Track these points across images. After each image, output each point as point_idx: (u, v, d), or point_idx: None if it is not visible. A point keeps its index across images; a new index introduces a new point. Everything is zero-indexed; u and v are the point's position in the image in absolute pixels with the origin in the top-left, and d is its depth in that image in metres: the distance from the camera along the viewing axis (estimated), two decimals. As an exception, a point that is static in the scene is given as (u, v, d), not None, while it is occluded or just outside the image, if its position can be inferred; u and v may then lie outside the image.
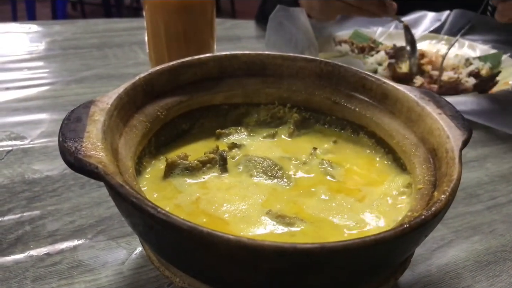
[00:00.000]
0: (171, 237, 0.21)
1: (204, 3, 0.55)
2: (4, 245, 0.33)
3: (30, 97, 0.54)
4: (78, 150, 0.23)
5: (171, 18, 0.54)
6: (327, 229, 0.26)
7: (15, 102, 0.52)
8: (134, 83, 0.30)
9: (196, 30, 0.55)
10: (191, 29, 0.55)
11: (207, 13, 0.55)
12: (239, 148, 0.33)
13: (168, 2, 0.54)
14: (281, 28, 0.58)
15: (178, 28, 0.55)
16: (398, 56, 0.61)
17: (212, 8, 0.56)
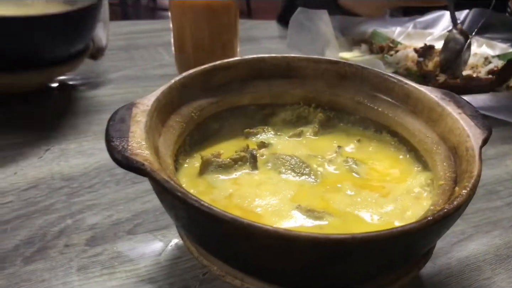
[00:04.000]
0: (213, 228, 0.23)
1: (229, 5, 0.57)
2: (49, 237, 0.35)
3: (63, 98, 0.56)
4: (125, 148, 0.25)
5: (197, 20, 0.56)
6: (354, 223, 0.27)
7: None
8: (170, 86, 0.32)
9: (220, 32, 0.57)
10: (216, 31, 0.57)
11: (232, 14, 0.57)
12: (267, 147, 0.35)
13: (194, 4, 0.56)
14: (302, 29, 0.60)
15: (203, 29, 0.57)
16: (426, 55, 0.62)
17: (236, 10, 0.58)
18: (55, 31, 0.47)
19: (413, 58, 0.65)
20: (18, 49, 0.46)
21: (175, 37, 0.59)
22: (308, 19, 0.60)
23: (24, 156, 0.44)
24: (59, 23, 0.46)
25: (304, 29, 0.60)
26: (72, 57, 0.52)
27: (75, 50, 0.52)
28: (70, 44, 0.50)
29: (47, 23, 0.45)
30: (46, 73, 0.51)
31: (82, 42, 0.52)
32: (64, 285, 0.31)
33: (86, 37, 0.53)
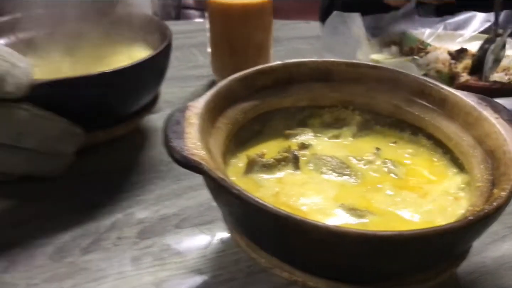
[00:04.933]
0: (267, 223, 0.25)
1: (264, 7, 0.59)
2: (102, 229, 0.37)
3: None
4: (183, 149, 0.27)
5: (233, 21, 0.58)
6: (395, 221, 0.29)
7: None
8: (218, 90, 0.34)
9: (256, 33, 0.59)
10: (251, 32, 0.59)
11: (267, 16, 0.59)
12: (308, 148, 0.36)
13: (231, 6, 0.58)
14: (337, 32, 0.61)
15: (239, 31, 0.59)
16: (458, 58, 0.63)
17: (271, 12, 0.59)
18: (147, 75, 0.45)
19: (443, 60, 0.65)
20: (117, 101, 0.44)
21: (212, 38, 0.61)
22: (342, 22, 0.62)
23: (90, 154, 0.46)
24: (149, 67, 0.45)
25: (337, 32, 0.61)
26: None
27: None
28: (158, 84, 0.49)
29: (144, 67, 0.44)
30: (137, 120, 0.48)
31: (163, 79, 0.50)
32: (119, 274, 0.33)
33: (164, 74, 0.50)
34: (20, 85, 0.34)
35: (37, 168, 0.38)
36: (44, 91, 0.36)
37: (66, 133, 0.38)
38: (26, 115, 0.35)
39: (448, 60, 0.65)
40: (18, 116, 0.35)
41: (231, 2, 0.57)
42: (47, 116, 0.37)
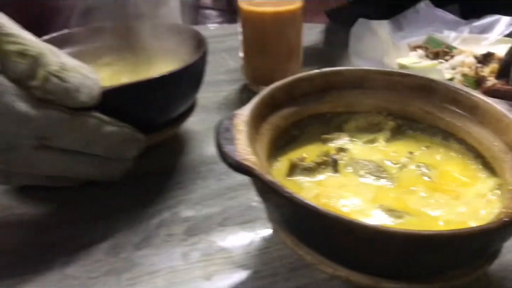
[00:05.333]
0: (316, 223, 0.27)
1: (295, 14, 0.61)
2: (151, 227, 0.40)
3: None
4: (235, 154, 0.30)
5: (265, 27, 0.61)
6: (431, 221, 0.31)
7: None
8: (261, 98, 0.37)
9: (287, 38, 0.62)
10: (283, 37, 0.61)
11: (298, 22, 0.62)
12: (345, 152, 0.39)
13: (263, 13, 0.60)
14: (363, 37, 0.63)
15: (271, 37, 0.61)
16: (484, 61, 0.65)
17: (302, 18, 0.62)
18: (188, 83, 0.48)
19: (469, 64, 0.67)
20: (160, 109, 0.47)
21: (244, 44, 0.64)
22: (368, 29, 0.64)
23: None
24: (190, 73, 0.47)
25: (364, 38, 0.63)
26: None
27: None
28: (197, 90, 0.52)
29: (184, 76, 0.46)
30: (178, 125, 0.51)
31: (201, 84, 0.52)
32: (170, 268, 0.36)
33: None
34: (92, 95, 0.37)
35: (101, 173, 0.41)
36: (108, 98, 0.39)
37: (129, 139, 0.41)
38: (96, 123, 0.38)
39: (474, 64, 0.67)
40: (89, 124, 0.37)
41: (263, 9, 0.60)
42: (114, 123, 0.39)
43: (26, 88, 0.34)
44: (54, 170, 0.39)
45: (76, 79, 0.36)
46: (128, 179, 0.44)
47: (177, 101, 0.48)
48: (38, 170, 0.38)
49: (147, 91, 0.43)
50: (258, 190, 0.31)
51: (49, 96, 0.35)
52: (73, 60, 0.38)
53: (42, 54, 0.35)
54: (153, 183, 0.46)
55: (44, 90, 0.35)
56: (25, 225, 0.41)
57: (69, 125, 0.36)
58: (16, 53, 0.34)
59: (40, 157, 0.37)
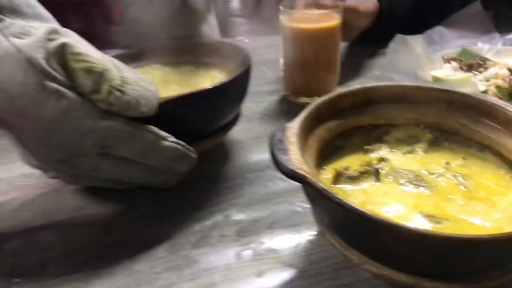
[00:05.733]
0: (363, 226, 0.30)
1: (334, 31, 0.64)
2: (206, 228, 0.44)
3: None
4: (289, 163, 0.34)
5: (305, 43, 0.64)
6: (468, 227, 0.34)
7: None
8: (309, 112, 0.40)
9: (326, 54, 0.65)
10: (322, 53, 0.65)
11: (336, 38, 0.65)
12: (386, 162, 0.42)
13: (303, 31, 0.64)
14: (399, 52, 0.66)
15: (310, 52, 0.65)
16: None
17: (340, 34, 0.65)
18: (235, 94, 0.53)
19: (503, 76, 0.69)
20: (208, 119, 0.51)
21: (285, 58, 0.67)
22: (404, 44, 0.67)
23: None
24: (237, 85, 0.52)
25: (400, 52, 0.66)
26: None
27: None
28: (243, 100, 0.56)
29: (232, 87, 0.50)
30: (224, 134, 0.55)
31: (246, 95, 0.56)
32: (226, 266, 0.40)
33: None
34: (151, 106, 0.41)
35: (154, 182, 0.46)
36: (164, 108, 0.43)
37: (182, 156, 0.45)
38: (153, 137, 0.42)
39: (508, 76, 0.69)
40: (146, 138, 0.42)
41: (304, 26, 0.64)
42: (169, 139, 0.43)
43: (92, 101, 0.39)
44: (113, 175, 0.44)
45: (137, 92, 0.40)
46: (183, 183, 0.49)
47: (225, 111, 0.52)
48: (100, 174, 0.43)
49: (199, 101, 0.47)
50: (309, 196, 0.35)
51: (112, 108, 0.39)
52: (135, 73, 0.43)
53: (106, 70, 0.39)
54: (205, 187, 0.50)
55: (108, 103, 0.39)
56: (94, 225, 0.45)
57: (128, 136, 0.41)
58: (83, 71, 0.38)
59: (102, 163, 0.42)
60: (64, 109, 0.37)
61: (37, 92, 0.36)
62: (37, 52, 0.36)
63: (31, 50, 0.36)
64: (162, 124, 0.44)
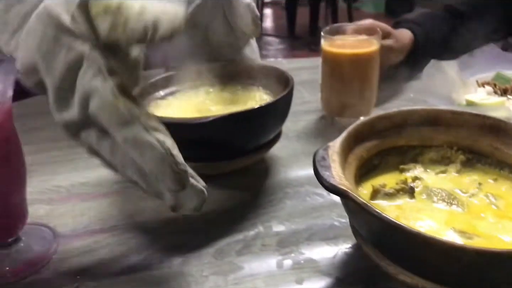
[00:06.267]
0: (399, 238, 0.33)
1: (372, 56, 0.67)
2: (248, 238, 0.48)
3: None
4: (332, 179, 0.37)
5: (344, 67, 0.68)
6: (499, 243, 0.36)
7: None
8: (349, 132, 0.44)
9: (363, 77, 0.68)
10: (359, 76, 0.68)
11: (374, 62, 0.68)
12: (420, 181, 0.44)
13: (342, 55, 0.67)
14: (434, 76, 0.69)
15: (348, 75, 0.68)
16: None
17: (378, 58, 0.68)
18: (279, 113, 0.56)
19: (537, 101, 0.71)
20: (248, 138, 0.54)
21: (323, 79, 0.71)
22: (439, 69, 0.70)
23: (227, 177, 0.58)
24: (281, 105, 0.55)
25: (434, 76, 0.69)
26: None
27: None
28: (283, 120, 0.58)
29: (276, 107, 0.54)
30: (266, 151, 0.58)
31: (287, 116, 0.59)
32: (268, 273, 0.43)
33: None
34: (173, 26, 0.35)
35: (148, 189, 0.38)
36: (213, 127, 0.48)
37: (195, 194, 0.39)
38: (161, 154, 0.34)
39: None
40: (153, 149, 0.34)
41: (343, 51, 0.67)
42: (182, 167, 0.36)
43: (111, 59, 0.35)
44: (114, 159, 0.38)
45: (153, 14, 0.35)
46: (227, 195, 0.52)
47: (268, 129, 0.56)
48: (105, 155, 0.38)
49: (245, 120, 0.51)
50: (349, 209, 0.38)
51: (129, 40, 0.35)
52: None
53: (122, 3, 0.34)
54: (248, 200, 0.53)
55: (126, 36, 0.34)
56: (147, 231, 0.49)
57: (128, 127, 0.35)
58: (101, 14, 0.34)
59: (103, 141, 0.37)
60: (69, 63, 0.35)
61: (49, 44, 0.35)
62: (59, 5, 0.35)
63: (54, 5, 0.35)
64: (209, 140, 0.48)
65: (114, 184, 0.58)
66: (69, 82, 0.35)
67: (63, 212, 0.53)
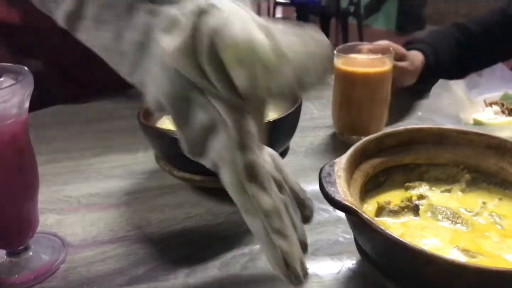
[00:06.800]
0: (401, 254, 0.34)
1: (384, 76, 0.68)
2: (254, 251, 0.48)
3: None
4: (337, 195, 0.37)
5: (356, 86, 0.68)
6: (502, 262, 0.36)
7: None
8: (355, 149, 0.44)
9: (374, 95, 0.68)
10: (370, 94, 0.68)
11: (386, 82, 0.68)
12: (425, 199, 0.45)
13: (354, 74, 0.68)
14: (441, 95, 0.70)
15: (360, 93, 0.68)
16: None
17: (390, 78, 0.68)
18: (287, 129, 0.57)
19: (544, 122, 0.71)
20: None
21: (335, 96, 0.71)
22: (446, 88, 0.70)
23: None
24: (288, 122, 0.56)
25: (442, 96, 0.70)
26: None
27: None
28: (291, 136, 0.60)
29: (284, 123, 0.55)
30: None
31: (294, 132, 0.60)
32: (272, 286, 0.44)
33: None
34: (318, 74, 0.31)
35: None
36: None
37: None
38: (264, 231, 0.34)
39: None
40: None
41: (355, 70, 0.67)
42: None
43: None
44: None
45: (297, 65, 0.31)
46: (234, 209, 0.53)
47: (276, 145, 0.57)
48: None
49: None
50: (354, 225, 0.39)
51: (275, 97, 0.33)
52: (287, 27, 0.32)
53: (254, 52, 0.30)
54: (254, 215, 0.54)
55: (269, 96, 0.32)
56: (154, 242, 0.50)
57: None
58: (232, 63, 0.30)
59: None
60: (202, 125, 0.33)
61: (181, 104, 0.33)
62: (184, 57, 0.31)
63: (178, 57, 0.31)
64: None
65: (123, 195, 0.59)
66: (202, 140, 0.34)
67: (73, 222, 0.54)
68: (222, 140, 0.33)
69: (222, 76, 0.31)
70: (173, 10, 0.32)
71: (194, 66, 0.31)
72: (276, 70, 0.30)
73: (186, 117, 0.33)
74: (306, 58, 0.31)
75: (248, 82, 0.30)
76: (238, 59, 0.30)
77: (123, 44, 0.34)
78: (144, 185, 0.61)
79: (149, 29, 0.33)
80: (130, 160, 0.67)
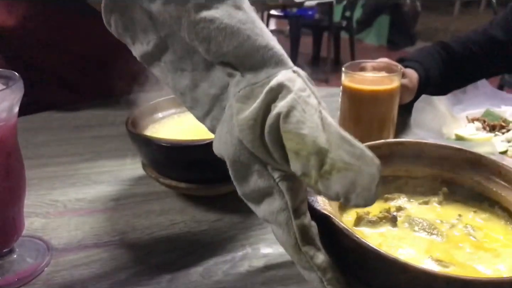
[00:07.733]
0: (378, 264, 0.35)
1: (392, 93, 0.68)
2: (237, 259, 0.49)
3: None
4: (316, 203, 0.39)
5: (363, 103, 0.69)
6: (472, 272, 0.38)
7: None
8: (336, 160, 0.46)
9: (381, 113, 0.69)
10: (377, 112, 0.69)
11: (393, 100, 0.69)
12: (403, 210, 0.46)
13: (362, 91, 0.68)
14: (424, 110, 0.71)
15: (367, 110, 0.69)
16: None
17: (398, 96, 0.69)
18: None
19: (524, 138, 0.73)
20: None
21: (341, 112, 0.72)
22: (429, 103, 0.72)
23: (221, 199, 0.60)
24: None
25: (425, 111, 0.72)
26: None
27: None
28: None
29: None
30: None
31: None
32: (253, 293, 0.45)
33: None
34: (367, 196, 0.32)
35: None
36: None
37: None
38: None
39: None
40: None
41: (362, 87, 0.68)
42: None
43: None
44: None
45: (347, 179, 0.32)
46: (218, 216, 0.54)
47: None
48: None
49: None
50: (330, 234, 0.40)
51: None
52: (354, 146, 0.33)
53: (311, 154, 0.31)
54: (238, 222, 0.55)
55: (317, 190, 0.33)
56: (138, 248, 0.51)
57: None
58: (292, 152, 0.32)
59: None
60: (259, 188, 0.35)
61: (242, 170, 0.35)
62: (249, 130, 0.33)
63: (245, 131, 0.33)
64: (206, 163, 0.50)
65: (109, 201, 0.60)
66: (257, 199, 0.36)
67: (58, 225, 0.55)
68: (276, 204, 0.35)
69: (282, 153, 0.33)
70: (250, 77, 0.34)
71: (257, 139, 0.33)
72: (327, 177, 0.32)
73: (244, 179, 0.36)
74: (355, 174, 0.32)
75: (301, 174, 0.32)
76: (297, 152, 0.32)
77: (198, 92, 0.36)
78: (131, 191, 0.62)
79: (226, 86, 0.35)
80: (118, 166, 0.68)
